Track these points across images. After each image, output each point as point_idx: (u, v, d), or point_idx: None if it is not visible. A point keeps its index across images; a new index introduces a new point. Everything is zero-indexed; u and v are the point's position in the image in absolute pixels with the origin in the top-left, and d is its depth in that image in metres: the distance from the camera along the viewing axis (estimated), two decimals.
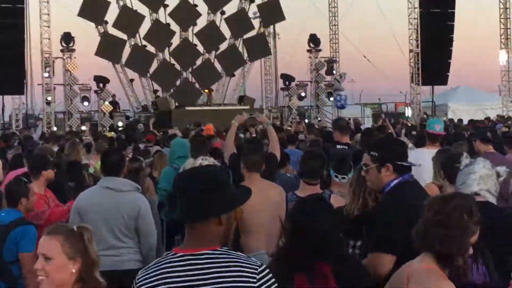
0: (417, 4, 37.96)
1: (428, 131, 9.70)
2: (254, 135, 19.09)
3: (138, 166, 9.74)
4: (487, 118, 26.20)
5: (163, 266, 3.42)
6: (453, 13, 38.20)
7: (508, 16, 37.46)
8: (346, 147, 10.04)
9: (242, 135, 17.78)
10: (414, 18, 38.17)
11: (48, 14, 32.27)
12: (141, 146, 16.50)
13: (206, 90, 35.68)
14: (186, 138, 17.98)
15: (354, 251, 5.18)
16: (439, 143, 9.74)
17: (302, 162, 6.71)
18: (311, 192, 6.27)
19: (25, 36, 31.27)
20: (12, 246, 6.77)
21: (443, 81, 39.49)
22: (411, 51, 38.55)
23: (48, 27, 32.32)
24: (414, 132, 17.42)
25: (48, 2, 32.19)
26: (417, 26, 38.05)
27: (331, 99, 37.85)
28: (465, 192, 4.69)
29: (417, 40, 38.21)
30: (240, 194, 3.54)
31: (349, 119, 36.33)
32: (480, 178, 4.96)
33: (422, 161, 8.44)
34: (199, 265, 3.36)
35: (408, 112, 38.77)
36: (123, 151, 11.28)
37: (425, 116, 34.87)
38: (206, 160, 8.20)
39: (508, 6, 37.19)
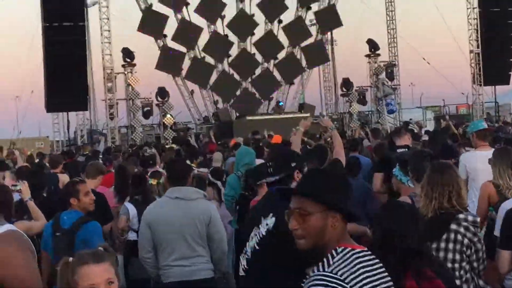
0: (476, 4, 37.49)
1: (476, 131, 9.48)
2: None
3: (200, 175, 9.88)
4: None
5: (365, 264, 3.41)
6: None
7: None
8: (406, 149, 9.93)
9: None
10: (474, 18, 37.71)
11: (109, 31, 32.82)
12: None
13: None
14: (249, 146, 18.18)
15: (438, 254, 5.18)
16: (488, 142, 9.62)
17: (414, 163, 6.59)
18: None
19: (87, 53, 31.83)
20: (83, 247, 6.93)
21: (505, 81, 38.84)
22: (471, 51, 38.09)
23: (109, 43, 32.87)
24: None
25: (108, 19, 32.76)
26: (477, 26, 37.57)
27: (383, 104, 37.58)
28: None
29: (477, 40, 37.73)
30: None
31: (410, 119, 36.18)
32: None
33: (475, 164, 8.39)
34: (374, 260, 3.46)
35: None
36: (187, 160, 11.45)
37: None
38: None
39: None
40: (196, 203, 6.99)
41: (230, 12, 36.53)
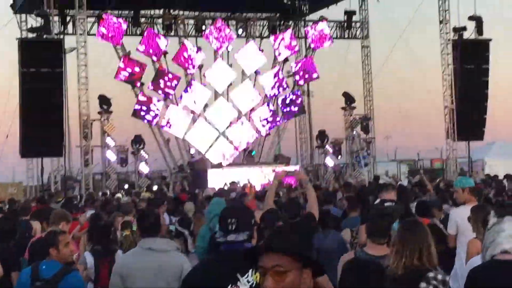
0: (450, 61, 37.99)
1: (470, 187, 9.60)
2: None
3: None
4: None
5: None
6: (487, 68, 38.15)
7: None
8: (392, 203, 10.03)
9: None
10: (448, 75, 38.15)
11: (86, 78, 32.77)
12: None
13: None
14: (223, 197, 18.14)
15: None
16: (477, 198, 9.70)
17: (371, 221, 6.65)
18: (379, 250, 6.31)
19: (64, 99, 31.74)
20: None
21: (479, 136, 39.20)
22: (446, 107, 38.46)
23: (86, 90, 32.78)
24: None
25: (86, 66, 32.74)
26: (452, 82, 38.00)
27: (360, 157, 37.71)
28: (495, 250, 4.73)
29: (451, 96, 38.13)
30: None
31: (387, 171, 36.29)
32: (510, 236, 4.95)
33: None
34: None
35: None
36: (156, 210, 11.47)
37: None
38: None
39: None
40: (168, 255, 6.93)
41: (208, 61, 36.80)
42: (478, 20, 38.15)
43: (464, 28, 38.34)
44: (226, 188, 24.56)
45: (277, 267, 3.40)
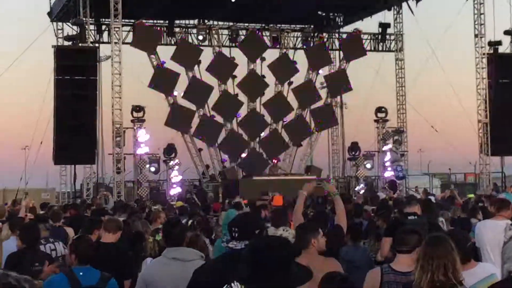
0: (485, 75, 37.70)
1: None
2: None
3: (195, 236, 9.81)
4: None
5: None
6: None
7: None
8: (415, 217, 9.99)
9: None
10: (483, 89, 37.86)
11: (120, 86, 32.97)
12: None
13: (275, 161, 36.17)
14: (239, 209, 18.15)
15: None
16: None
17: (399, 237, 6.70)
18: (405, 267, 6.38)
19: (97, 107, 32.03)
20: None
21: None
22: (479, 121, 38.16)
23: (120, 98, 32.96)
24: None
25: (120, 74, 32.96)
26: (486, 97, 37.70)
27: (389, 169, 37.54)
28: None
29: (485, 111, 37.83)
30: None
31: (416, 187, 36.05)
32: None
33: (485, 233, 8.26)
34: None
35: None
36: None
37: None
38: (287, 232, 8.24)
39: None
40: (192, 264, 6.95)
41: (241, 72, 36.92)
42: None
43: (500, 42, 38.04)
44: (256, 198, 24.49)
45: None
